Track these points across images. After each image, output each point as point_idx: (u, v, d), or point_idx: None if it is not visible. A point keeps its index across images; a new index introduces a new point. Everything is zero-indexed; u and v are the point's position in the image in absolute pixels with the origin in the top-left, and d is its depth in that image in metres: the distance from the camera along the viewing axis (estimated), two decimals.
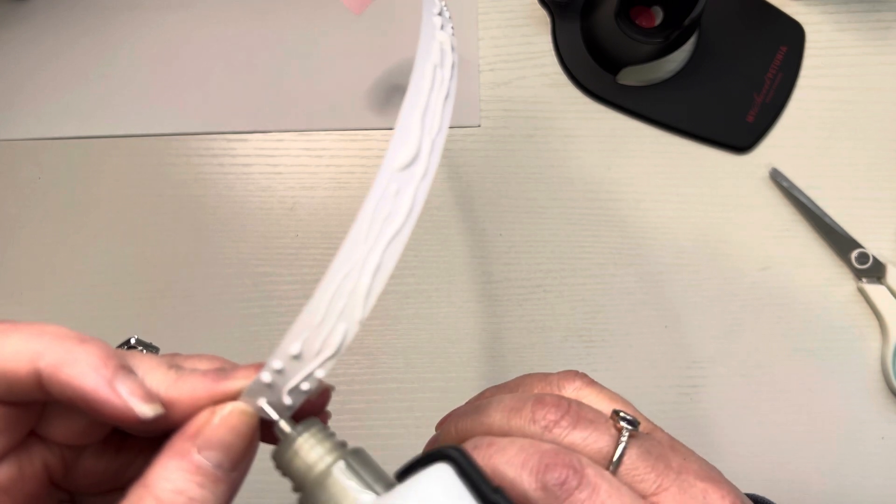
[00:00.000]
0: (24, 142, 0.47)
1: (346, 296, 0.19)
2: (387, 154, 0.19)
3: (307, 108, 0.46)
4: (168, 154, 0.46)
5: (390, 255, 0.19)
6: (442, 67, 0.21)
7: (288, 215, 0.45)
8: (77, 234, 0.45)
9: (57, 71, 0.47)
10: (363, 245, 0.19)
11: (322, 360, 0.19)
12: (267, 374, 0.19)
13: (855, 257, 0.42)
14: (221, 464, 0.18)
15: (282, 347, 0.19)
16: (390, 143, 0.19)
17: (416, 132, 0.20)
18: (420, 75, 0.20)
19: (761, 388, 0.42)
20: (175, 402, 0.19)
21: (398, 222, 0.19)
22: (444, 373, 0.43)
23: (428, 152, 0.20)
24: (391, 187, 0.19)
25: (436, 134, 0.20)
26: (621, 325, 0.43)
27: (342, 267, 0.19)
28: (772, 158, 0.44)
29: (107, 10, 0.48)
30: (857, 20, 0.45)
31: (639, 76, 0.45)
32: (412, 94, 0.20)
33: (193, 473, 0.18)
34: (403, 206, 0.19)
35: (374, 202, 0.19)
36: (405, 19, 0.47)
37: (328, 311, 0.19)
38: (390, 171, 0.19)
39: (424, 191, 0.20)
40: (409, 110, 0.20)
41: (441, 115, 0.20)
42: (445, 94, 0.21)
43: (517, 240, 0.44)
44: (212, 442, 0.18)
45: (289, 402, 0.20)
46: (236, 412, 0.19)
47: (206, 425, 0.19)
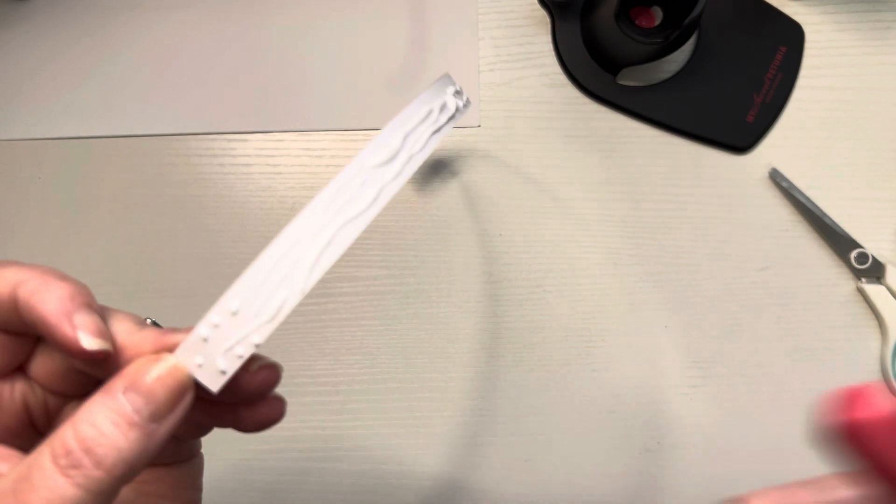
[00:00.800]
0: (24, 142, 0.47)
1: (291, 263, 0.20)
2: (361, 151, 0.21)
3: (307, 108, 0.46)
4: (168, 154, 0.46)
5: (344, 236, 0.20)
6: (440, 113, 0.24)
7: (288, 215, 0.45)
8: (77, 234, 0.45)
9: (57, 71, 0.47)
10: (319, 218, 0.20)
11: (259, 324, 0.20)
12: (204, 328, 0.20)
13: (854, 257, 0.42)
14: (140, 410, 0.18)
15: (221, 302, 0.20)
16: (367, 144, 0.21)
17: (396, 143, 0.22)
18: (414, 110, 0.23)
19: (761, 388, 0.42)
20: (126, 348, 0.20)
21: (358, 208, 0.21)
22: (444, 373, 0.43)
23: (404, 161, 0.22)
24: (357, 178, 0.21)
25: (417, 151, 0.22)
26: (621, 325, 0.43)
27: (293, 234, 0.20)
28: (771, 158, 0.44)
29: (107, 10, 0.48)
30: (857, 20, 0.45)
31: (639, 76, 0.45)
32: (400, 118, 0.22)
33: (112, 412, 0.18)
34: (366, 197, 0.21)
35: (338, 185, 0.20)
36: (406, 19, 0.47)
37: (271, 274, 0.20)
38: (360, 165, 0.21)
39: (392, 190, 0.21)
40: (394, 127, 0.22)
41: (426, 140, 0.23)
42: (436, 129, 0.23)
43: (517, 240, 0.44)
44: (136, 386, 0.19)
45: (222, 365, 0.20)
46: (166, 364, 0.19)
47: (137, 370, 0.19)
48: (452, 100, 0.25)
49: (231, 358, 0.20)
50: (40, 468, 0.17)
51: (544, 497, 0.42)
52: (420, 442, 0.43)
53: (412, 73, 0.46)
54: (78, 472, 0.17)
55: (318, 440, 0.43)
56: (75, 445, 0.18)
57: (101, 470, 0.18)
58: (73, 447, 0.18)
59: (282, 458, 0.42)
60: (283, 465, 0.42)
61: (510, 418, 0.42)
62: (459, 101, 0.25)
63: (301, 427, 0.43)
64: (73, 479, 0.17)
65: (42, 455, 0.18)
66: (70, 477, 0.17)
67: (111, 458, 0.18)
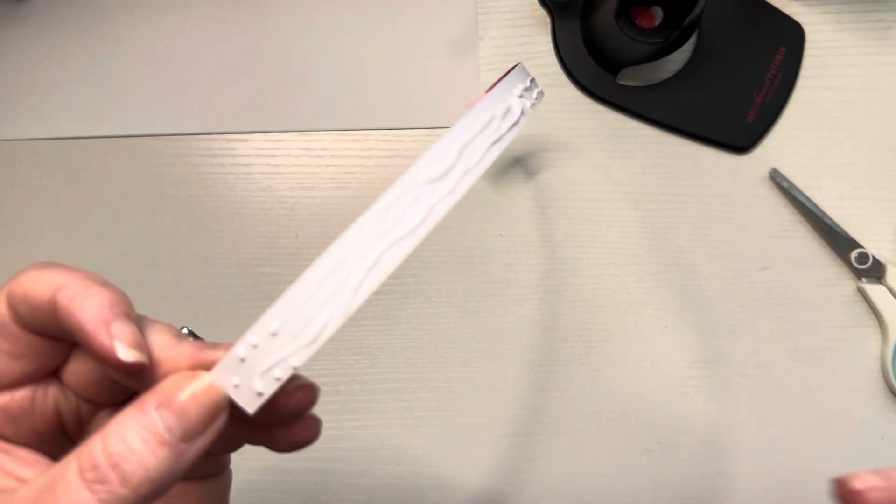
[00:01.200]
0: (23, 141, 0.47)
1: (336, 283, 0.19)
2: (413, 166, 0.20)
3: (307, 108, 0.46)
4: (168, 154, 0.46)
5: (391, 257, 0.19)
6: (502, 119, 0.22)
7: (288, 215, 0.45)
8: (77, 234, 0.45)
9: (56, 70, 0.47)
10: (366, 238, 0.19)
11: (298, 346, 0.19)
12: (242, 348, 0.19)
13: (855, 257, 0.42)
14: (172, 428, 0.18)
15: (261, 321, 0.19)
16: (420, 158, 0.20)
17: (451, 158, 0.20)
18: (473, 118, 0.21)
19: (761, 388, 0.42)
20: (162, 362, 0.20)
21: (407, 227, 0.19)
22: (444, 373, 0.43)
23: (458, 176, 0.20)
24: (408, 195, 0.20)
25: (473, 165, 0.21)
26: (621, 325, 0.43)
27: (339, 252, 0.19)
28: (771, 158, 0.44)
29: (106, 10, 0.48)
30: (857, 20, 0.45)
31: (639, 76, 0.45)
32: (457, 129, 0.21)
33: (142, 428, 0.18)
34: (417, 215, 0.20)
35: (387, 201, 0.19)
36: (406, 19, 0.47)
37: (315, 294, 0.19)
38: (411, 180, 0.20)
39: (444, 208, 0.20)
40: (450, 139, 0.20)
41: (484, 153, 0.21)
42: (495, 139, 0.22)
43: (517, 240, 0.44)
44: (169, 403, 0.18)
45: (259, 387, 0.19)
46: (202, 382, 0.19)
47: (172, 387, 0.19)
48: (518, 102, 0.23)
49: (269, 380, 0.19)
50: (66, 480, 0.17)
51: (544, 497, 0.42)
52: (420, 442, 0.43)
53: (412, 73, 0.46)
54: (103, 487, 0.17)
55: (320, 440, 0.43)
56: (103, 460, 0.17)
57: (127, 488, 0.17)
58: (101, 461, 0.17)
59: (282, 459, 0.42)
60: (283, 465, 0.42)
61: (510, 418, 0.42)
62: (528, 100, 0.23)
63: None
64: (97, 495, 0.17)
65: (68, 467, 0.17)
66: (95, 492, 0.17)
67: (138, 475, 0.17)
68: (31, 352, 0.20)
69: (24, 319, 0.20)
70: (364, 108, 0.46)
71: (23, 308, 0.19)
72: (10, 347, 0.20)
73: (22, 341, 0.20)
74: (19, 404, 0.20)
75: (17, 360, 0.20)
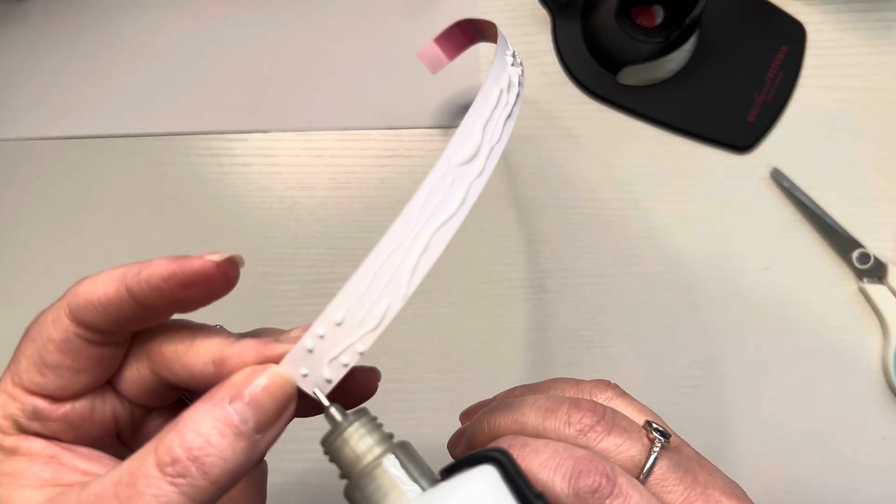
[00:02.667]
0: (22, 141, 0.46)
1: (391, 270, 0.20)
2: (446, 150, 0.21)
3: (307, 108, 0.46)
4: (167, 154, 0.46)
5: (438, 239, 0.20)
6: (508, 93, 0.23)
7: (287, 215, 0.45)
8: (76, 234, 0.45)
9: (55, 70, 0.47)
10: (414, 224, 0.20)
11: (363, 333, 0.20)
12: (309, 340, 0.20)
13: (856, 257, 0.42)
14: (247, 420, 0.19)
15: (326, 313, 0.20)
16: (450, 141, 0.21)
17: (476, 137, 0.21)
18: (487, 94, 0.22)
19: (762, 389, 0.42)
20: (228, 359, 0.21)
21: (450, 210, 0.20)
22: (444, 373, 0.43)
23: (486, 155, 0.21)
24: (447, 178, 0.21)
25: (495, 143, 0.22)
26: (621, 325, 0.43)
27: (391, 242, 0.20)
28: (773, 158, 0.44)
29: (105, 10, 0.48)
30: (859, 20, 0.45)
31: (639, 75, 0.44)
32: (477, 106, 0.22)
33: (218, 421, 0.18)
34: (457, 197, 0.21)
35: (430, 187, 0.20)
36: (405, 19, 0.47)
37: (373, 283, 0.20)
38: (448, 164, 0.21)
39: (478, 187, 0.21)
40: (473, 118, 0.21)
41: (502, 129, 0.22)
42: (508, 114, 0.23)
43: (517, 240, 0.44)
44: (242, 396, 0.19)
45: (328, 374, 0.20)
46: (273, 374, 0.20)
47: (243, 380, 0.19)
48: (514, 71, 0.24)
49: (336, 367, 0.20)
50: (146, 476, 0.18)
51: None
52: (420, 442, 0.42)
53: (412, 73, 0.46)
54: (185, 480, 0.18)
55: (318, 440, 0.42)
56: (182, 454, 0.18)
57: (208, 480, 0.18)
58: (180, 455, 0.18)
59: (281, 459, 0.42)
60: (282, 465, 0.42)
61: None
62: (517, 69, 0.24)
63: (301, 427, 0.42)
64: (179, 488, 0.17)
65: (146, 462, 0.18)
66: (177, 486, 0.17)
67: (218, 467, 0.18)
68: (91, 365, 0.21)
69: (91, 325, 0.20)
70: (364, 107, 0.46)
71: (90, 314, 0.20)
72: (73, 363, 0.21)
73: (83, 356, 0.21)
74: (79, 413, 0.21)
75: (78, 375, 0.21)
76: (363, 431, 0.20)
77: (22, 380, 0.21)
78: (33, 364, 0.21)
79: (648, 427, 0.24)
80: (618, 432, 0.23)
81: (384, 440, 0.21)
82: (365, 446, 0.20)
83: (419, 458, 0.21)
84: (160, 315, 0.22)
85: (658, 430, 0.23)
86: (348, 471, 0.20)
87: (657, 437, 0.23)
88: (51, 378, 0.21)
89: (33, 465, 0.20)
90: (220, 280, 0.21)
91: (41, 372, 0.20)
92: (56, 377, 0.21)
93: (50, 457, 0.20)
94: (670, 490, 0.22)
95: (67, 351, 0.20)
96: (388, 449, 0.20)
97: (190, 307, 0.21)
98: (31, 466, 0.20)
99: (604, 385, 0.27)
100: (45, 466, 0.20)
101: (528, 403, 0.25)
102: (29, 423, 0.21)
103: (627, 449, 0.23)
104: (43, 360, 0.20)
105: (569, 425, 0.23)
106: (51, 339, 0.20)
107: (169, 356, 0.22)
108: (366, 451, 0.20)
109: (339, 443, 0.20)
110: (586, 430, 0.23)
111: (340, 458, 0.21)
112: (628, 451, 0.23)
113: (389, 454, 0.20)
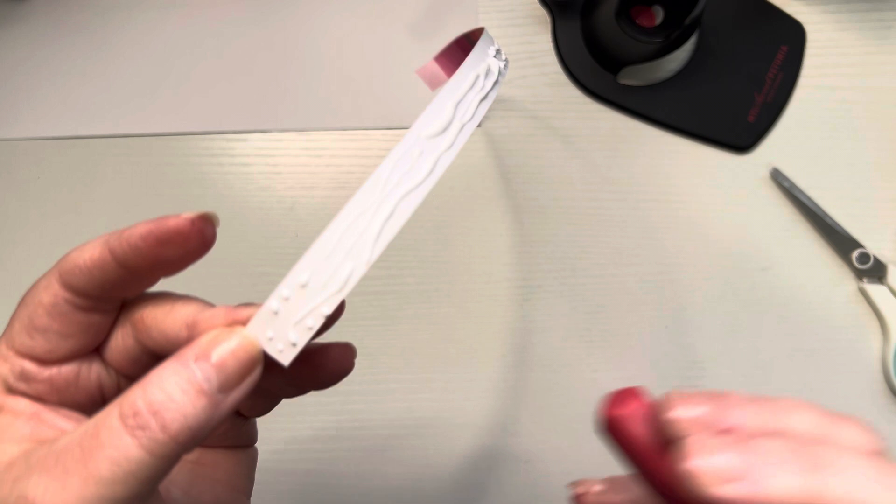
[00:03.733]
0: (23, 141, 0.46)
1: (356, 235, 0.20)
2: (415, 122, 0.21)
3: (307, 108, 0.46)
4: (167, 154, 0.46)
5: (404, 207, 0.21)
6: (486, 79, 0.24)
7: (287, 215, 0.45)
8: (76, 234, 0.45)
9: (56, 70, 0.47)
10: (380, 190, 0.21)
11: (327, 295, 0.20)
12: (275, 301, 0.20)
13: (856, 257, 0.42)
14: (210, 379, 0.19)
15: (291, 275, 0.20)
16: (421, 115, 0.21)
17: (448, 113, 0.22)
18: (462, 76, 0.23)
19: (762, 389, 0.42)
20: (199, 322, 0.21)
21: (417, 179, 0.21)
22: (444, 373, 0.43)
23: (456, 131, 0.22)
24: (415, 149, 0.21)
25: (467, 120, 0.22)
26: (621, 325, 0.43)
27: (356, 207, 0.21)
28: (773, 158, 0.44)
29: (106, 10, 0.48)
30: (859, 19, 0.45)
31: (639, 76, 0.44)
32: (450, 86, 0.22)
33: (182, 378, 0.19)
34: (424, 167, 0.21)
35: (397, 156, 0.21)
36: (406, 19, 0.47)
37: (337, 246, 0.20)
38: (417, 135, 0.21)
39: (447, 160, 0.21)
40: (446, 96, 0.22)
41: (475, 109, 0.23)
42: (483, 96, 0.23)
43: (517, 240, 0.44)
44: (207, 355, 0.19)
45: (293, 338, 0.20)
46: (238, 335, 0.20)
47: (210, 342, 0.20)
48: (495, 62, 0.24)
49: (302, 330, 0.20)
50: (108, 427, 0.18)
51: (543, 497, 0.41)
52: (420, 443, 0.43)
53: (412, 73, 0.46)
54: (144, 433, 0.18)
55: (317, 440, 0.42)
56: (143, 407, 0.18)
57: (167, 434, 0.18)
58: (142, 409, 0.18)
59: (281, 459, 0.42)
60: (282, 465, 0.42)
61: (510, 419, 0.42)
62: (500, 62, 0.25)
63: (301, 427, 0.43)
64: (138, 441, 0.18)
65: (110, 415, 0.18)
66: (136, 437, 0.18)
67: (178, 423, 0.18)
68: (78, 331, 0.22)
69: (78, 288, 0.21)
70: (364, 107, 0.46)
71: (76, 278, 0.21)
72: (60, 327, 0.21)
73: (71, 321, 0.21)
74: (65, 377, 0.22)
75: (65, 339, 0.21)
76: None
77: (13, 342, 0.21)
78: (24, 327, 0.21)
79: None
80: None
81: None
82: None
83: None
84: (143, 278, 0.22)
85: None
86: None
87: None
88: (39, 341, 0.21)
89: (16, 421, 0.21)
90: (196, 236, 0.21)
91: (30, 335, 0.21)
92: (44, 340, 0.21)
93: (32, 414, 0.21)
94: None
95: (56, 315, 0.21)
96: None
97: (171, 268, 0.22)
98: (14, 422, 0.21)
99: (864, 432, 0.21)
100: (26, 423, 0.21)
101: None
102: (16, 384, 0.21)
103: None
104: (33, 324, 0.21)
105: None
106: (41, 303, 0.21)
107: (149, 322, 0.22)
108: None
109: None
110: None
111: None
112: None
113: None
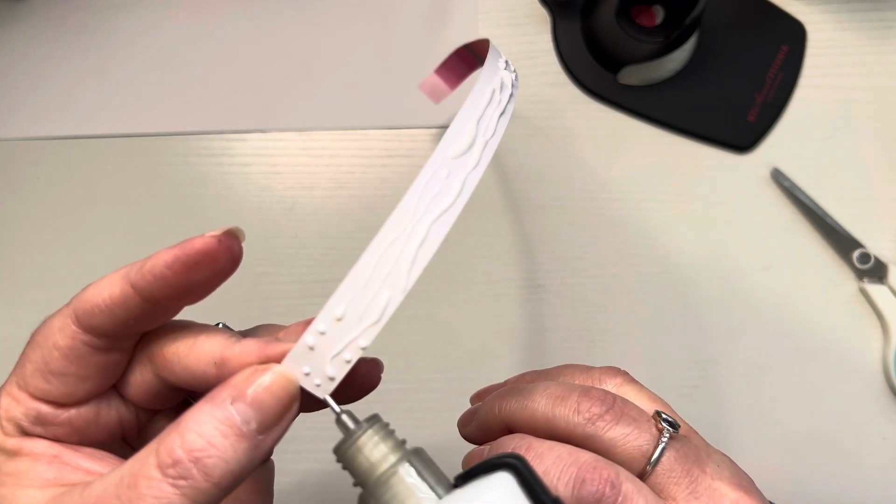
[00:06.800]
0: (22, 141, 0.46)
1: (390, 262, 0.20)
2: (440, 143, 0.21)
3: (306, 108, 0.46)
4: (167, 154, 0.46)
5: (437, 230, 0.20)
6: (501, 93, 0.23)
7: (287, 215, 0.45)
8: (76, 234, 0.45)
9: (55, 70, 0.47)
10: (411, 216, 0.20)
11: (364, 327, 0.20)
12: (311, 337, 0.20)
13: (856, 257, 0.42)
14: (249, 420, 0.18)
15: (326, 309, 0.20)
16: (444, 136, 0.21)
17: (470, 131, 0.21)
18: (480, 92, 0.22)
19: (762, 389, 0.42)
20: (229, 360, 0.20)
21: (447, 201, 0.20)
22: (444, 373, 0.43)
23: (480, 148, 0.21)
24: (442, 171, 0.21)
25: (490, 137, 0.22)
26: (621, 325, 0.43)
27: (389, 234, 0.20)
28: (773, 158, 0.44)
29: (105, 10, 0.48)
30: (859, 19, 0.45)
31: (639, 75, 0.44)
32: (470, 103, 0.22)
33: (220, 422, 0.18)
34: (453, 188, 0.21)
35: (425, 180, 0.20)
36: (405, 19, 0.47)
37: (372, 276, 0.20)
38: (442, 157, 0.21)
39: (474, 180, 0.21)
40: (466, 114, 0.22)
41: (496, 125, 0.22)
42: (501, 111, 0.23)
43: (517, 240, 0.44)
44: (244, 396, 0.19)
45: (331, 372, 0.20)
46: (275, 373, 0.19)
47: (244, 380, 0.19)
48: (507, 75, 0.24)
49: (339, 363, 0.20)
50: (147, 477, 0.18)
51: None
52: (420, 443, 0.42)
53: (412, 73, 0.46)
54: (186, 482, 0.17)
55: (317, 441, 0.42)
56: (183, 455, 0.18)
57: (210, 482, 0.18)
58: (181, 457, 0.18)
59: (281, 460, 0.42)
60: (282, 465, 0.42)
61: None
62: (511, 73, 0.25)
63: (301, 428, 0.42)
64: (181, 490, 0.17)
65: (147, 463, 0.18)
66: (178, 488, 0.17)
67: (220, 469, 0.18)
68: (96, 372, 0.21)
69: (99, 329, 0.20)
70: (363, 107, 0.46)
71: (97, 318, 0.20)
72: (78, 370, 0.21)
73: (89, 363, 0.21)
74: (84, 418, 0.21)
75: (83, 382, 0.21)
76: (377, 439, 0.20)
77: (27, 384, 0.20)
78: (38, 370, 0.20)
79: (657, 417, 0.24)
80: (626, 422, 0.23)
81: (398, 447, 0.20)
82: (380, 454, 0.20)
83: (434, 465, 0.20)
84: (168, 310, 0.21)
85: (667, 419, 0.23)
86: (363, 479, 0.20)
87: (666, 427, 0.23)
88: (56, 385, 0.20)
89: (37, 465, 0.20)
90: (225, 255, 0.21)
91: (46, 379, 0.20)
92: (61, 384, 0.20)
93: (53, 456, 0.20)
94: (677, 481, 0.22)
95: (73, 358, 0.20)
96: (403, 457, 0.20)
97: (198, 293, 0.21)
98: (35, 466, 0.20)
99: (613, 372, 0.27)
100: (48, 466, 0.20)
101: (539, 390, 0.25)
102: (32, 427, 0.21)
103: (635, 438, 0.23)
104: (48, 367, 0.20)
105: (578, 413, 0.23)
106: (56, 346, 0.20)
107: (170, 358, 0.21)
108: (380, 458, 0.20)
109: (353, 451, 0.20)
110: (595, 418, 0.23)
111: (354, 466, 0.20)
112: (636, 441, 0.23)
113: (405, 462, 0.20)
